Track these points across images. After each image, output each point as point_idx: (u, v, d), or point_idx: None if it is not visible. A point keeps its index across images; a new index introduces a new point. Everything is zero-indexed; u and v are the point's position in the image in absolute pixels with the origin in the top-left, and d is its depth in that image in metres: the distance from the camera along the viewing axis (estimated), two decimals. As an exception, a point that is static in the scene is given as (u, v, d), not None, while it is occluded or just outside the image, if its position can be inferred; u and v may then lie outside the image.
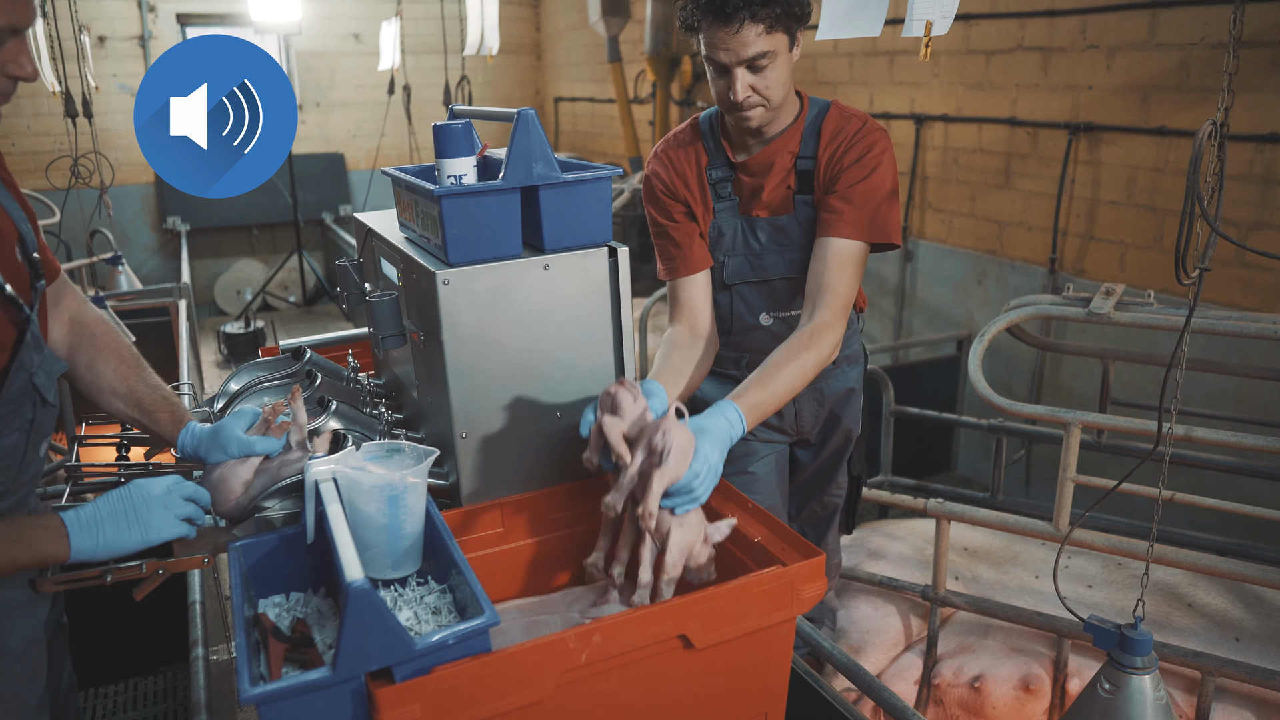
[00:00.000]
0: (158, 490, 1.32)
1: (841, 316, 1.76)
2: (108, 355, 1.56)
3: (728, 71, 1.75)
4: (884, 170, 1.85)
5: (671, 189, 1.96)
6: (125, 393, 1.54)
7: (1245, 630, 2.26)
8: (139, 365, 1.58)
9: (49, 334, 1.52)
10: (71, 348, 1.56)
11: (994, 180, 4.30)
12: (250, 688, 1.04)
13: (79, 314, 1.58)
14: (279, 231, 8.54)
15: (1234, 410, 3.19)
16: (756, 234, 1.96)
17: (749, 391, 1.61)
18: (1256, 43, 3.08)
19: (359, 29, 8.45)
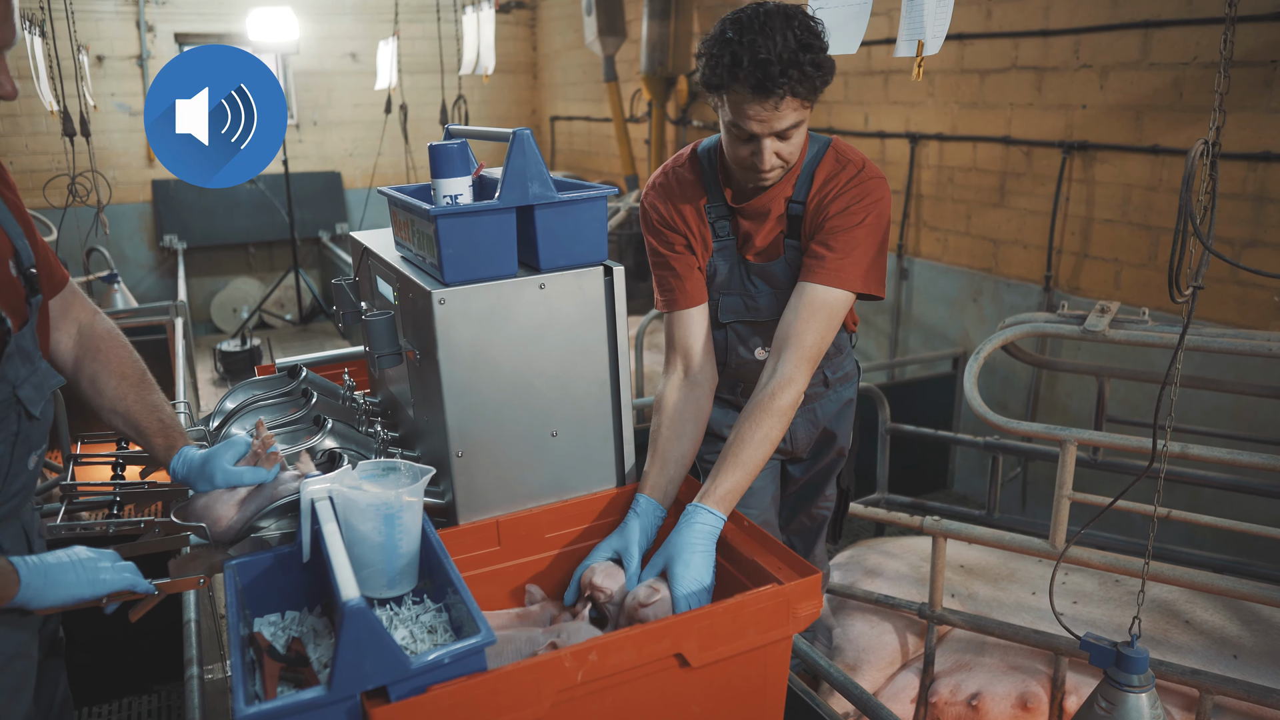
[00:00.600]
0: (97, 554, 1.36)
1: (805, 369, 1.71)
2: (110, 371, 1.56)
3: (755, 139, 1.69)
4: (872, 220, 1.78)
5: (670, 222, 1.91)
6: (123, 412, 1.55)
7: (1243, 648, 2.26)
8: (141, 383, 1.58)
9: (54, 345, 1.53)
10: (77, 360, 1.57)
11: (989, 199, 4.32)
12: (245, 707, 1.04)
13: (89, 326, 1.59)
14: (276, 250, 8.55)
15: (1230, 427, 3.19)
16: (750, 276, 1.95)
17: (720, 481, 1.58)
18: (1248, 63, 3.11)
19: (356, 49, 8.50)
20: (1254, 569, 2.85)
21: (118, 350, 1.59)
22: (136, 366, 1.59)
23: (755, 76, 1.59)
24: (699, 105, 6.47)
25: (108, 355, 1.57)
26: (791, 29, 1.60)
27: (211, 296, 8.30)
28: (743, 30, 1.61)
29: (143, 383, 1.58)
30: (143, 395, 1.56)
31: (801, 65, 1.59)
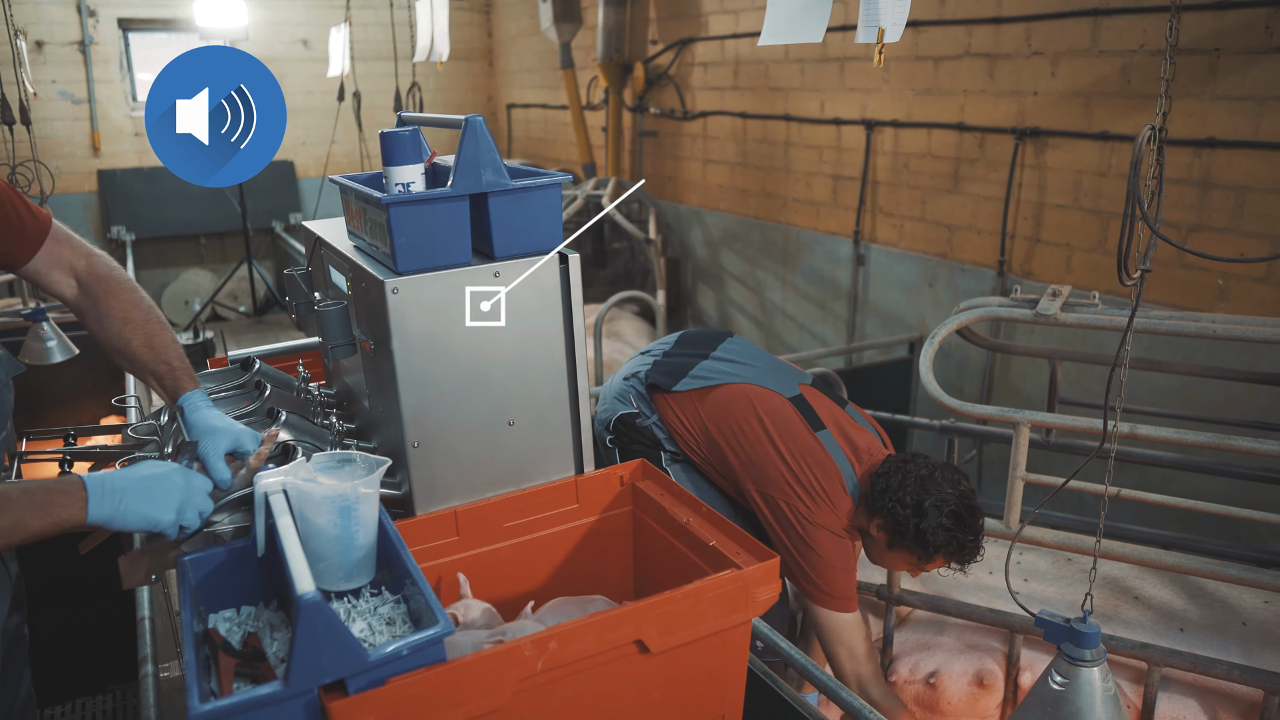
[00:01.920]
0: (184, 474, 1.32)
1: None
2: (113, 317, 1.54)
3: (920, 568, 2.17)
4: None
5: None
6: (129, 355, 1.54)
7: (1189, 621, 2.32)
8: (147, 324, 1.55)
9: (59, 293, 1.54)
10: (81, 309, 1.56)
11: (943, 184, 4.36)
12: (200, 704, 1.02)
13: (86, 272, 1.56)
14: (228, 240, 8.40)
15: (1177, 408, 3.27)
16: None
17: None
18: (1193, 50, 3.17)
19: (307, 35, 8.35)
20: (1200, 545, 2.93)
21: (118, 293, 1.56)
22: (140, 307, 1.56)
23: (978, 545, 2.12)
24: (656, 92, 6.45)
25: (107, 300, 1.54)
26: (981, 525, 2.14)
27: (162, 289, 8.13)
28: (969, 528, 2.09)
29: (148, 323, 1.55)
30: (149, 337, 1.54)
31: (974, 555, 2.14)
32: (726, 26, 5.66)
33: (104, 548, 1.49)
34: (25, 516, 1.19)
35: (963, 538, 2.07)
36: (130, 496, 1.26)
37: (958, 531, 2.06)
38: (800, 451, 2.21)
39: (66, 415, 3.84)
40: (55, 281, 1.54)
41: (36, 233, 1.52)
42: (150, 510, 1.26)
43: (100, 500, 1.24)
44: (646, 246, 6.12)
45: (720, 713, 1.38)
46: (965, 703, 2.37)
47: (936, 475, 2.10)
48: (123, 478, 1.27)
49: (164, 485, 1.29)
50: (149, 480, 1.28)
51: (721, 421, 2.29)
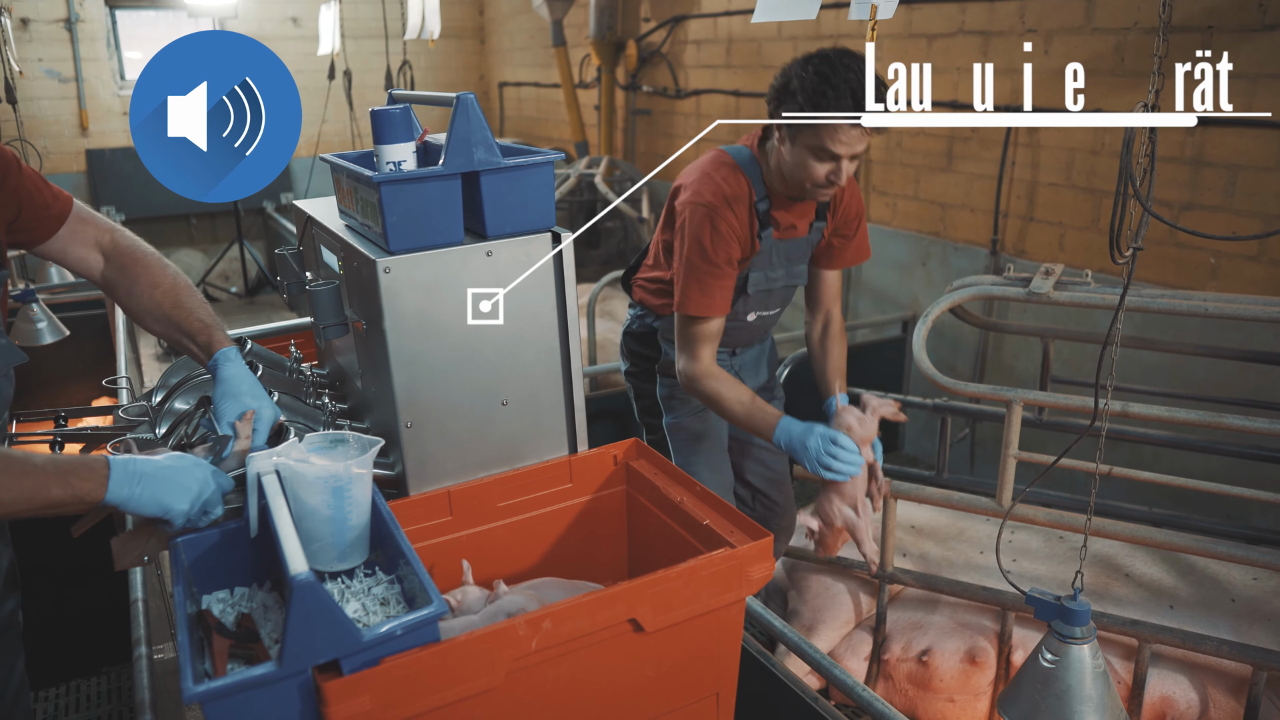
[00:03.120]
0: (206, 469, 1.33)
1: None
2: (141, 283, 1.56)
3: (835, 159, 1.97)
4: (858, 197, 2.29)
5: (740, 234, 2.12)
6: (161, 317, 1.56)
7: (1179, 598, 2.34)
8: (175, 288, 1.57)
9: (84, 270, 1.58)
10: (109, 281, 1.59)
11: (937, 163, 4.35)
12: (193, 686, 1.02)
13: (110, 246, 1.59)
14: (219, 220, 8.34)
15: (1168, 386, 3.28)
16: (775, 253, 2.24)
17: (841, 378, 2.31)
18: (1186, 28, 3.16)
19: (297, 12, 8.27)
20: (1190, 522, 2.95)
21: (144, 260, 1.59)
22: (167, 273, 1.59)
23: (852, 107, 1.89)
24: (648, 70, 6.41)
25: (134, 269, 1.57)
26: (863, 69, 1.90)
27: (153, 269, 8.08)
28: (834, 69, 1.90)
29: (177, 287, 1.58)
30: (179, 299, 1.56)
31: (884, 100, 1.82)
32: (719, 4, 5.62)
33: (97, 530, 1.49)
34: (48, 484, 1.21)
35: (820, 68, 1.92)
36: (149, 482, 1.27)
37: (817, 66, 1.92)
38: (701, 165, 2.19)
39: (57, 397, 3.83)
40: (80, 258, 1.57)
41: (59, 211, 1.53)
42: (166, 498, 1.27)
43: (121, 481, 1.25)
44: (639, 226, 6.10)
45: (714, 690, 1.38)
46: (957, 680, 2.39)
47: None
48: (147, 463, 1.28)
49: (184, 476, 1.29)
50: (171, 469, 1.29)
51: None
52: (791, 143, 2.02)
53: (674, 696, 1.34)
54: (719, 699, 1.39)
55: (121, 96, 7.80)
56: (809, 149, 1.99)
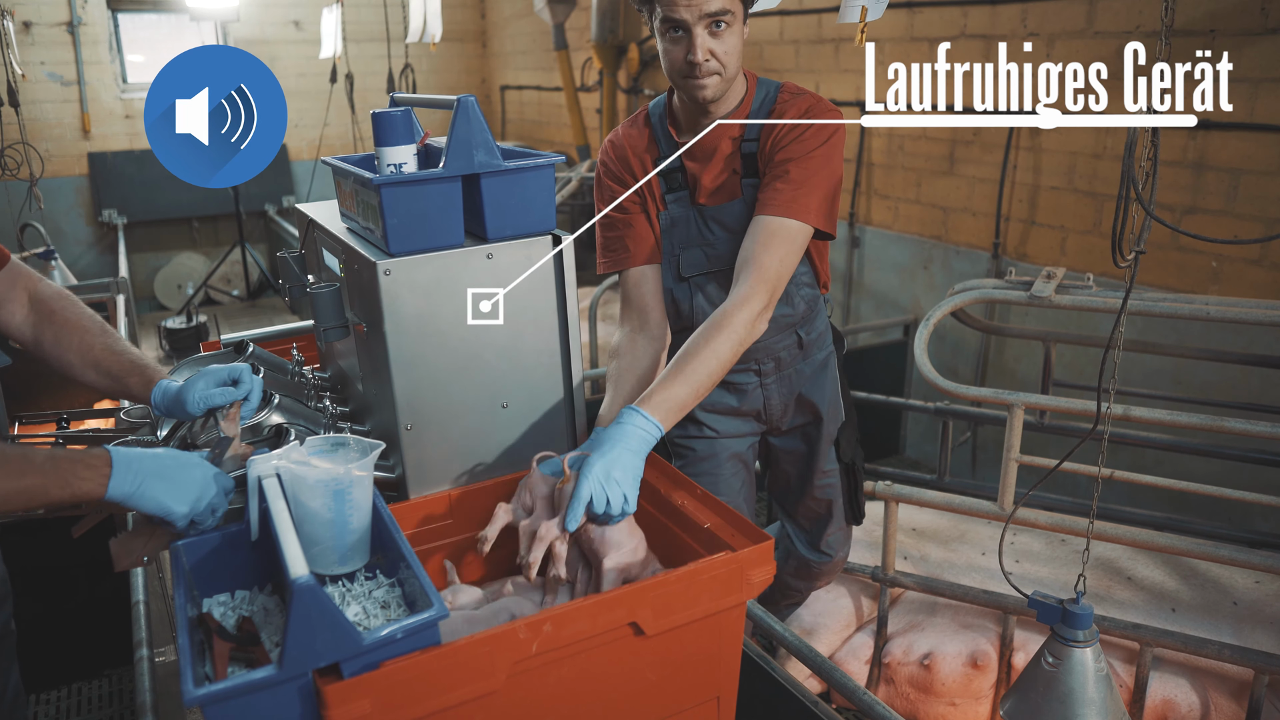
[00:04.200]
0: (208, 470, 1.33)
1: (762, 290, 1.67)
2: (70, 329, 1.55)
3: (687, 31, 1.67)
4: (825, 150, 1.77)
5: (620, 177, 1.92)
6: (93, 363, 1.54)
7: (1181, 601, 2.33)
8: (104, 333, 1.57)
9: (9, 320, 1.54)
10: (35, 328, 1.56)
11: (939, 167, 4.35)
12: (194, 689, 1.02)
13: (36, 292, 1.58)
14: (221, 223, 8.35)
15: (1170, 390, 3.27)
16: (708, 224, 1.91)
17: (661, 389, 1.53)
18: (1188, 31, 3.16)
19: (299, 16, 8.28)
20: (1192, 526, 2.94)
21: (73, 308, 1.58)
22: (94, 320, 1.59)
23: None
24: (651, 73, 6.42)
25: (63, 315, 1.56)
26: None
27: (155, 273, 8.09)
28: None
29: (105, 332, 1.58)
30: (109, 344, 1.56)
31: None
32: (721, 7, 5.62)
33: (97, 531, 1.49)
34: (47, 484, 1.20)
35: None
36: (151, 480, 1.26)
37: None
38: None
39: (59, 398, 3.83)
40: (10, 305, 1.55)
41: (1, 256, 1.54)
42: (167, 497, 1.27)
43: (123, 477, 1.24)
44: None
45: (715, 694, 1.38)
46: (959, 683, 2.38)
47: None
48: (150, 459, 1.27)
49: (186, 475, 1.29)
50: (173, 468, 1.28)
51: None
52: (654, 33, 1.75)
53: (675, 700, 1.34)
54: (720, 702, 1.39)
55: (124, 100, 7.81)
56: (661, 34, 1.72)
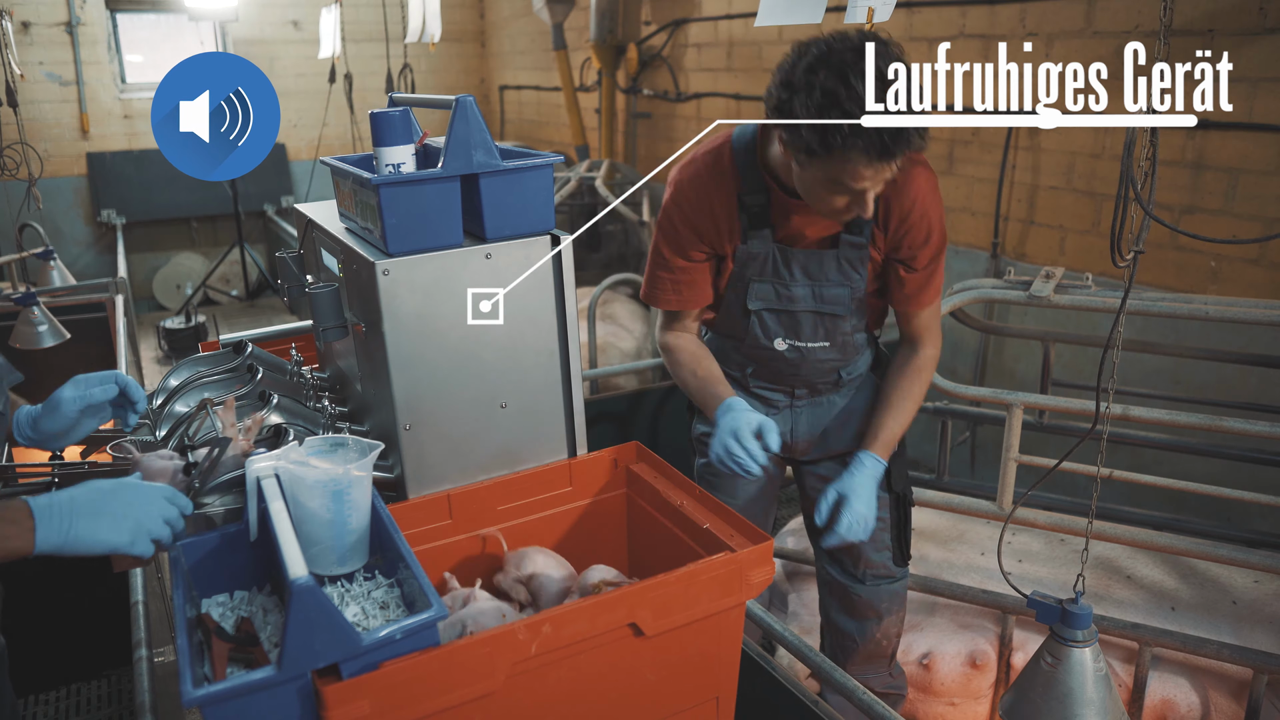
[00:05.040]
0: (145, 488, 1.23)
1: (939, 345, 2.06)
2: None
3: (860, 195, 1.63)
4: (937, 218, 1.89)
5: (696, 224, 1.84)
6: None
7: (1180, 600, 2.33)
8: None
9: None
10: None
11: (938, 166, 4.35)
12: (193, 689, 1.02)
13: None
14: (220, 224, 8.34)
15: (1169, 389, 3.28)
16: (790, 265, 1.87)
17: (882, 429, 1.92)
18: (1187, 31, 3.16)
19: (298, 16, 8.28)
20: (1191, 525, 2.94)
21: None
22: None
23: (878, 145, 1.51)
24: (649, 73, 6.42)
25: None
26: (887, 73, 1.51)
27: (153, 273, 8.09)
28: (847, 84, 1.50)
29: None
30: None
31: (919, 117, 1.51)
32: (719, 7, 5.62)
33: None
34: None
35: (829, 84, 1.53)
36: (79, 520, 1.16)
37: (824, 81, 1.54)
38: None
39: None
40: None
41: None
42: (102, 533, 1.16)
43: (48, 527, 1.14)
44: (640, 229, 6.10)
45: (714, 694, 1.38)
46: (958, 683, 2.38)
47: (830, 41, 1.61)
48: (70, 499, 1.17)
49: (113, 503, 1.19)
50: (96, 499, 1.18)
51: None
52: (800, 166, 1.65)
53: (674, 700, 1.34)
54: (719, 702, 1.39)
55: (123, 100, 7.81)
56: (820, 180, 1.63)
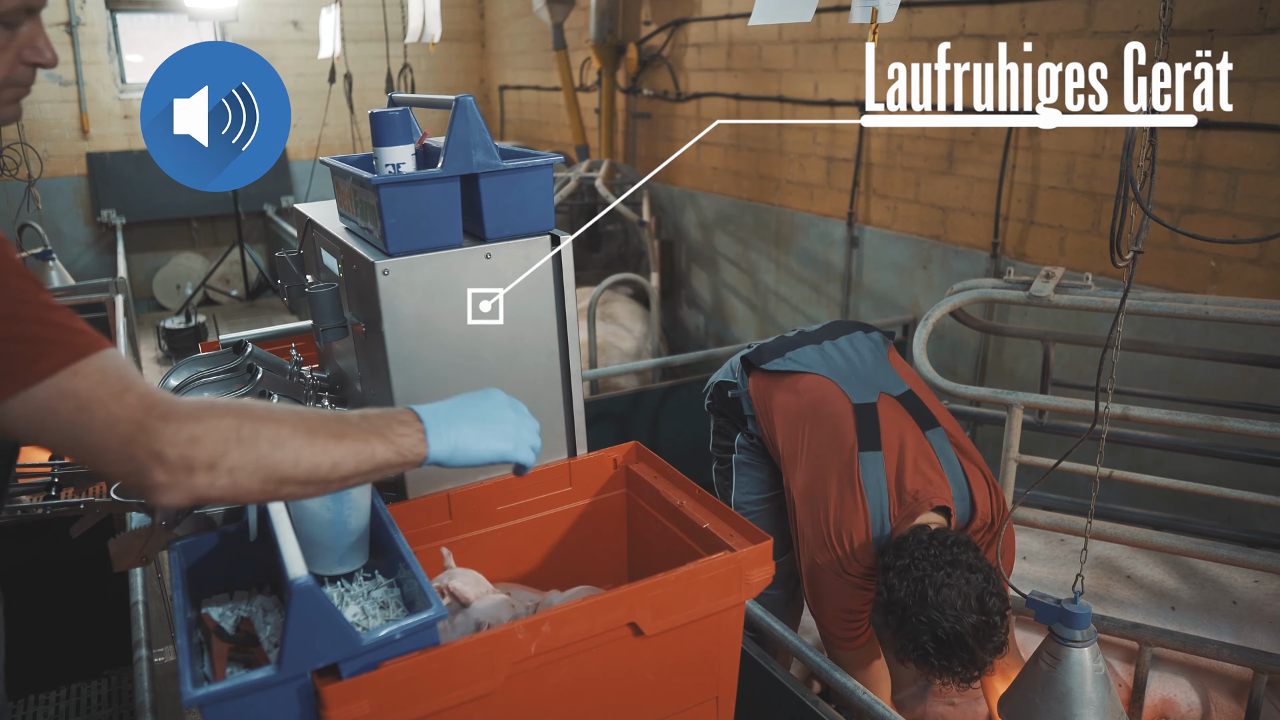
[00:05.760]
0: (508, 399, 1.21)
1: None
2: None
3: None
4: None
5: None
6: None
7: (1180, 600, 2.33)
8: None
9: None
10: None
11: (938, 166, 4.35)
12: (193, 689, 1.02)
13: None
14: (220, 224, 8.35)
15: (1169, 389, 3.27)
16: None
17: None
18: (1187, 31, 3.15)
19: (298, 16, 8.28)
20: (1191, 525, 2.94)
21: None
22: None
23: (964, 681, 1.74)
24: (649, 73, 6.42)
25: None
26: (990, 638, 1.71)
27: (153, 273, 8.09)
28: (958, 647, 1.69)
29: None
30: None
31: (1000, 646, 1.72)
32: (719, 7, 5.62)
33: (97, 531, 1.49)
34: (372, 442, 1.05)
35: (942, 664, 1.74)
36: (464, 426, 1.13)
37: (936, 658, 1.73)
38: (822, 469, 1.96)
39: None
40: None
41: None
42: (487, 440, 1.14)
43: (438, 433, 1.11)
44: (640, 229, 6.10)
45: (714, 694, 1.38)
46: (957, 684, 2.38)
47: (948, 578, 1.71)
48: (449, 407, 1.14)
49: (491, 410, 1.16)
50: (473, 407, 1.16)
51: (782, 410, 2.14)
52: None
53: (674, 700, 1.34)
54: (719, 702, 1.39)
55: (122, 100, 7.81)
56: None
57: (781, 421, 2.13)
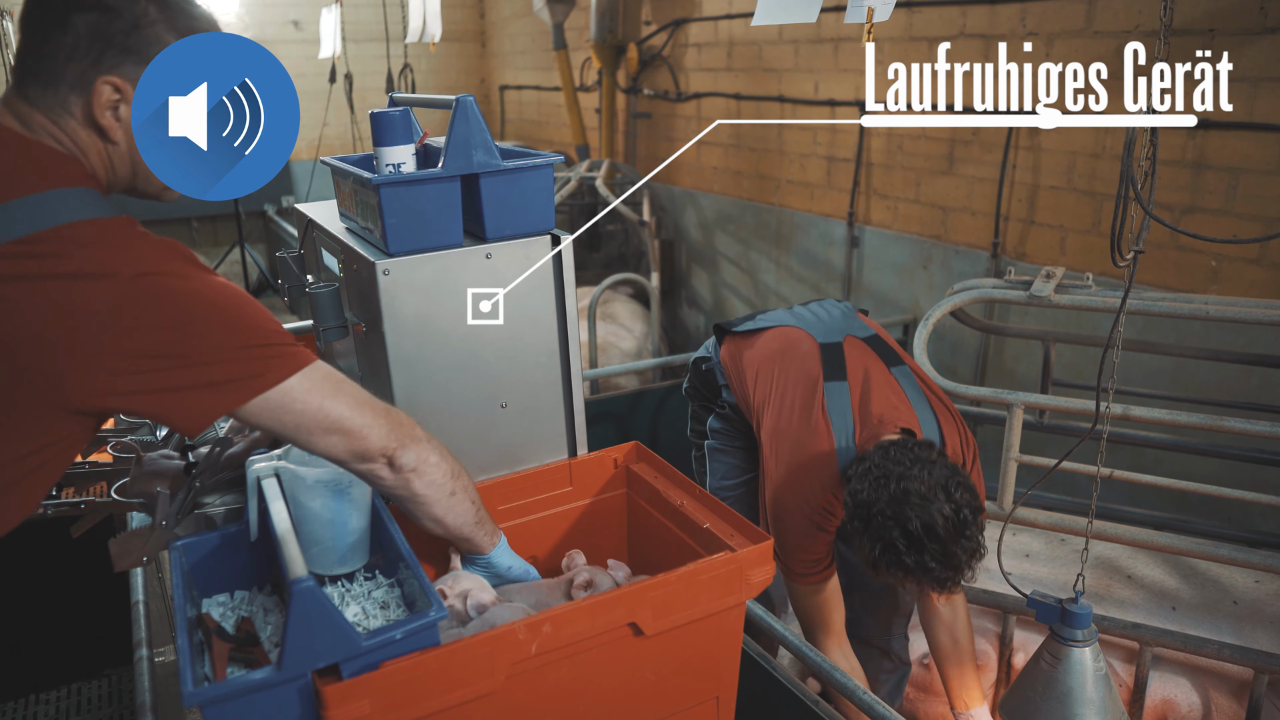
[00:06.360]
0: None
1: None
2: None
3: None
4: None
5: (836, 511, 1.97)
6: None
7: (1181, 600, 2.33)
8: None
9: None
10: None
11: (938, 166, 4.35)
12: (193, 689, 1.02)
13: None
14: (220, 224, 8.35)
15: (1169, 389, 3.27)
16: None
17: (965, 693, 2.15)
18: (1188, 31, 3.15)
19: (298, 16, 8.28)
20: (1192, 525, 2.94)
21: None
22: None
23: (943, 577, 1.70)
24: (649, 73, 6.42)
25: None
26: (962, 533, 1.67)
27: (154, 272, 8.08)
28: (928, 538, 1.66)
29: None
30: None
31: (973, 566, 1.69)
32: (719, 7, 5.62)
33: (97, 531, 1.49)
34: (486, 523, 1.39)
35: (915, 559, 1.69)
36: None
37: (908, 553, 1.69)
38: (789, 403, 1.98)
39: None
40: None
41: None
42: None
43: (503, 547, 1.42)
44: (640, 229, 6.10)
45: (714, 694, 1.38)
46: (958, 683, 2.38)
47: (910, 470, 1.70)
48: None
49: None
50: None
51: (751, 361, 2.18)
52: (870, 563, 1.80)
53: (674, 700, 1.34)
54: (719, 702, 1.39)
55: (123, 100, 7.80)
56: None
57: (751, 371, 2.17)
